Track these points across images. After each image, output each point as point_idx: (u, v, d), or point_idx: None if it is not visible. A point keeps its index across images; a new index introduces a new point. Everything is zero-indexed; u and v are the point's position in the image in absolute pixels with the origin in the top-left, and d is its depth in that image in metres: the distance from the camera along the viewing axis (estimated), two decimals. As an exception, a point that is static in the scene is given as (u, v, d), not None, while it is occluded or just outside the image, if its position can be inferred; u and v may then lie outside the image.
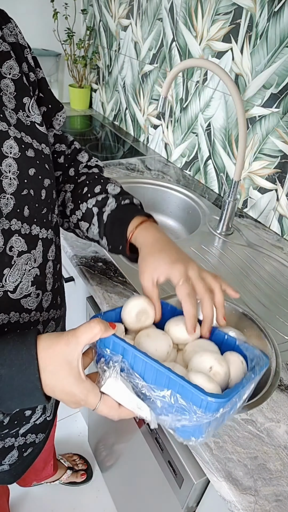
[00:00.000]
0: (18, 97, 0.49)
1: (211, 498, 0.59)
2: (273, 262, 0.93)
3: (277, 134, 0.96)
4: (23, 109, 0.49)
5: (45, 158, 0.51)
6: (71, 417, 1.49)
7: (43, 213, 0.51)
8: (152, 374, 0.41)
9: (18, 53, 0.50)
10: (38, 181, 0.49)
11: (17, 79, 0.49)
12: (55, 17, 1.60)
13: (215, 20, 1.04)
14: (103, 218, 0.61)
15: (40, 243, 0.51)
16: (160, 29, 1.27)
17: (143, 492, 0.87)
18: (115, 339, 0.42)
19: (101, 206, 0.62)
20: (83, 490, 1.30)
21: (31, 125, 0.50)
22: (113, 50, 1.60)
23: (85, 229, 0.65)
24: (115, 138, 1.57)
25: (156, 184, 1.23)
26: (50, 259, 0.54)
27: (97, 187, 0.64)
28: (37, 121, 0.51)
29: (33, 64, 0.54)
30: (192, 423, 0.39)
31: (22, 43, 0.52)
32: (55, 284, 0.56)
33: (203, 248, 0.95)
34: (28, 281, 0.50)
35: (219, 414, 0.38)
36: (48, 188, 0.51)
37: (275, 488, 0.50)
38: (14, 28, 0.51)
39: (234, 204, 0.97)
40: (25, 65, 0.52)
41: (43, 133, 0.52)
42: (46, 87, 0.57)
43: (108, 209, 0.60)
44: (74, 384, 0.40)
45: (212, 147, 1.18)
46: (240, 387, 0.41)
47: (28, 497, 1.26)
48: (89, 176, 0.67)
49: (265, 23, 0.91)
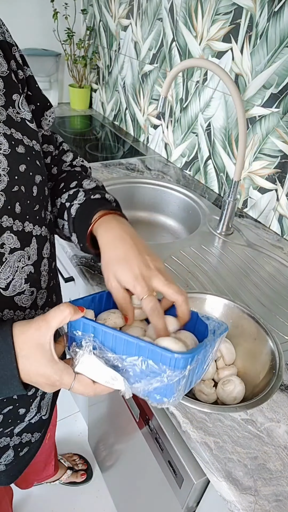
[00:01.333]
0: (7, 94, 0.48)
1: (211, 498, 0.59)
2: (273, 262, 0.93)
3: (277, 134, 0.96)
4: (13, 106, 0.49)
5: (36, 154, 0.51)
6: (71, 417, 1.49)
7: (35, 209, 0.50)
8: (123, 346, 0.43)
9: (5, 51, 0.50)
10: (29, 178, 0.49)
11: (6, 76, 0.49)
12: (55, 17, 1.60)
13: (215, 20, 1.04)
14: (71, 212, 0.58)
15: (34, 240, 0.51)
16: (160, 29, 1.27)
17: (143, 492, 0.87)
18: (85, 321, 0.44)
19: (71, 200, 0.59)
20: (83, 490, 1.30)
21: (22, 121, 0.50)
22: (113, 50, 1.60)
23: (61, 227, 0.62)
24: (115, 138, 1.57)
25: (156, 184, 1.23)
26: (45, 256, 0.54)
27: (73, 182, 0.62)
28: (27, 117, 0.51)
29: (21, 62, 0.54)
30: (163, 383, 0.41)
31: (10, 41, 0.51)
32: (51, 282, 0.56)
33: (203, 248, 0.95)
34: (22, 279, 0.49)
35: (187, 371, 0.41)
36: (40, 185, 0.51)
37: (275, 488, 0.50)
38: (1, 26, 0.51)
39: (234, 204, 0.97)
40: (13, 62, 0.51)
41: (33, 129, 0.52)
42: (34, 85, 0.57)
43: (76, 203, 0.58)
44: (48, 365, 0.41)
45: (212, 147, 1.18)
46: (203, 346, 0.44)
47: (28, 497, 1.26)
48: (69, 173, 0.65)
49: (265, 23, 0.91)
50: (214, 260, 0.91)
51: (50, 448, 1.07)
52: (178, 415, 0.57)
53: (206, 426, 0.56)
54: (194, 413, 0.57)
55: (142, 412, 0.70)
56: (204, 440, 0.54)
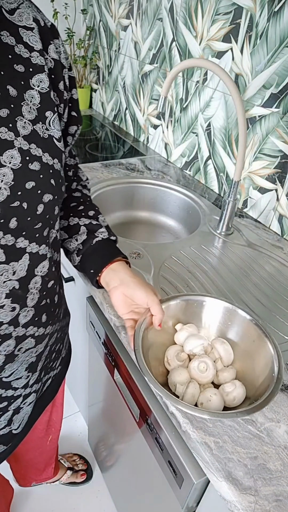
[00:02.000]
0: (41, 109, 0.48)
1: (211, 498, 0.59)
2: (273, 262, 0.93)
3: (277, 134, 0.96)
4: (44, 122, 0.49)
5: (54, 173, 0.50)
6: (71, 417, 1.49)
7: (36, 227, 0.50)
8: None
9: (57, 71, 0.51)
10: (35, 196, 0.48)
11: (45, 93, 0.49)
12: (55, 17, 1.60)
13: (215, 20, 1.04)
14: (92, 241, 0.68)
15: (26, 256, 0.50)
16: (160, 29, 1.27)
17: (143, 492, 0.87)
18: None
19: (93, 230, 0.69)
20: (83, 490, 1.30)
21: (49, 138, 0.50)
22: (113, 50, 1.60)
23: (61, 239, 0.69)
24: (115, 138, 1.57)
25: (156, 184, 1.23)
26: (39, 274, 0.53)
27: (90, 211, 0.71)
28: (55, 136, 0.51)
29: (68, 84, 0.55)
30: None
31: (63, 63, 0.53)
32: (42, 301, 0.55)
33: (203, 248, 0.95)
34: (2, 293, 0.48)
35: None
36: (49, 204, 0.50)
37: (275, 488, 0.50)
38: (60, 45, 0.52)
39: (234, 204, 0.97)
40: (62, 84, 0.52)
41: (59, 148, 0.51)
42: (78, 106, 0.59)
43: (100, 236, 0.68)
44: None
45: (212, 147, 1.18)
46: None
47: (28, 497, 1.26)
48: (84, 196, 0.73)
49: (265, 23, 0.91)
50: (214, 260, 0.91)
51: (52, 451, 1.07)
52: (178, 415, 0.57)
53: (206, 426, 0.56)
54: (194, 413, 0.57)
55: (142, 412, 0.70)
56: (204, 440, 0.54)
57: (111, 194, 1.19)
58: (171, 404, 0.58)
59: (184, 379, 0.61)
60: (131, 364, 0.73)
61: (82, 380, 1.20)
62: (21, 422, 0.64)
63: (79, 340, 1.07)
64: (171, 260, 0.89)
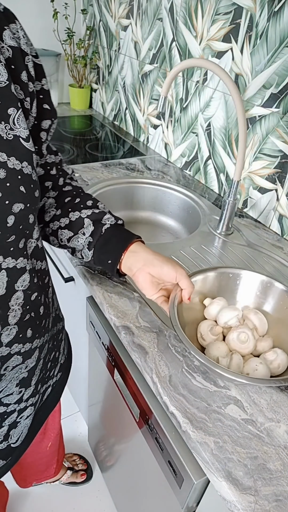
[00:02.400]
0: (1, 107, 0.43)
1: (211, 498, 0.59)
2: (273, 262, 0.93)
3: (277, 134, 0.96)
4: (6, 121, 0.43)
5: (23, 179, 0.45)
6: (71, 417, 1.49)
7: (9, 241, 0.45)
8: None
9: (17, 60, 0.45)
10: (3, 207, 0.43)
11: (3, 87, 0.43)
12: (55, 17, 1.60)
13: (215, 20, 1.04)
14: (101, 230, 0.65)
15: (3, 273, 0.45)
16: (160, 29, 1.27)
17: (143, 492, 0.87)
18: None
19: (98, 219, 0.66)
20: (83, 490, 1.30)
21: (14, 139, 0.44)
22: (113, 50, 1.60)
23: (66, 238, 0.67)
24: (115, 138, 1.57)
25: (156, 184, 1.23)
26: (20, 289, 0.48)
27: (88, 201, 0.68)
28: (22, 135, 0.45)
29: (33, 74, 0.48)
30: None
31: (24, 49, 0.46)
32: (25, 316, 0.51)
33: (203, 248, 0.95)
34: None
35: None
36: (20, 214, 0.45)
37: (275, 488, 0.50)
38: (18, 30, 0.46)
39: (234, 204, 0.97)
40: (25, 74, 0.46)
41: (27, 149, 0.45)
42: (50, 98, 0.54)
43: (108, 223, 0.65)
44: None
45: (212, 147, 1.18)
46: None
47: (28, 497, 1.26)
48: (75, 188, 0.70)
49: (265, 23, 0.91)
50: (214, 260, 0.91)
51: (52, 454, 1.06)
52: (178, 415, 0.57)
53: (206, 426, 0.56)
54: (194, 413, 0.57)
55: (142, 412, 0.70)
56: (204, 440, 0.54)
57: (111, 194, 1.19)
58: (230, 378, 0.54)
59: (224, 352, 0.60)
60: (131, 364, 0.73)
61: (82, 380, 1.20)
62: (20, 436, 0.61)
63: (79, 340, 1.07)
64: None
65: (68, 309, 1.09)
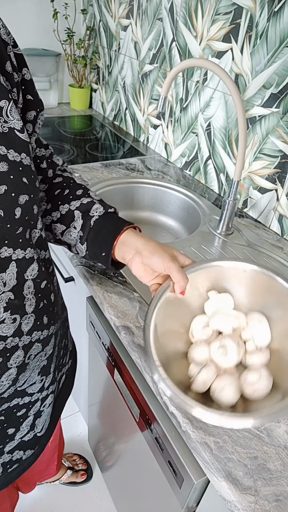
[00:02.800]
0: None
1: (211, 498, 0.59)
2: (273, 262, 0.93)
3: (277, 134, 0.96)
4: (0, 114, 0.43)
5: (24, 170, 0.45)
6: (71, 417, 1.49)
7: (18, 233, 0.46)
8: None
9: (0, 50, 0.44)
10: (10, 200, 0.44)
11: None
12: (55, 17, 1.60)
13: (215, 20, 1.04)
14: (89, 223, 0.62)
15: (13, 264, 0.46)
16: (160, 29, 1.27)
17: (143, 492, 0.87)
18: None
19: (86, 210, 0.63)
20: (83, 490, 1.30)
21: (9, 132, 0.44)
22: (113, 50, 1.60)
23: (60, 232, 0.65)
24: (115, 138, 1.57)
25: (156, 184, 1.23)
26: (30, 278, 0.50)
27: (78, 190, 0.66)
28: (16, 127, 0.45)
29: (16, 63, 0.48)
30: None
31: (5, 39, 0.45)
32: (40, 304, 0.52)
33: (203, 248, 0.95)
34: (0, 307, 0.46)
35: None
36: (26, 205, 0.46)
37: (275, 488, 0.50)
38: None
39: (234, 204, 0.97)
40: (9, 64, 0.46)
41: (23, 140, 0.46)
42: (33, 88, 0.53)
43: (96, 214, 0.63)
44: None
45: (212, 147, 1.18)
46: None
47: (28, 497, 1.26)
48: (66, 179, 0.68)
49: (265, 23, 0.91)
50: (214, 260, 0.91)
51: (53, 450, 1.06)
52: (178, 415, 0.57)
53: (206, 426, 0.56)
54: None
55: (142, 412, 0.70)
56: (204, 440, 0.54)
57: (111, 194, 1.19)
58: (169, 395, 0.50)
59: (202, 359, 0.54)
60: (131, 364, 0.73)
61: (82, 380, 1.20)
62: (44, 424, 0.63)
63: (79, 340, 1.07)
64: (171, 260, 0.89)
65: (68, 309, 1.09)
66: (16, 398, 0.54)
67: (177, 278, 0.56)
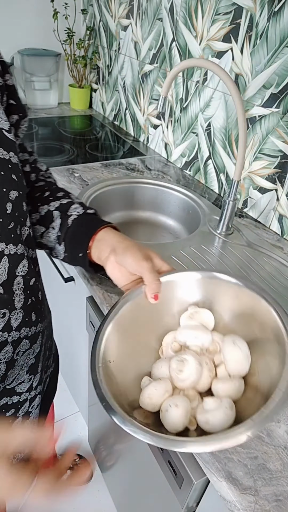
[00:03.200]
0: None
1: (211, 498, 0.59)
2: (273, 262, 0.93)
3: (277, 134, 0.96)
4: None
5: (13, 168, 0.47)
6: (71, 417, 1.49)
7: (10, 228, 0.47)
8: None
9: None
10: (1, 195, 0.45)
11: None
12: (55, 17, 1.60)
13: (215, 20, 1.04)
14: (67, 222, 0.61)
15: (5, 259, 0.47)
16: (160, 29, 1.27)
17: (143, 492, 0.87)
18: None
19: (65, 210, 0.62)
20: (83, 490, 1.30)
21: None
22: (113, 50, 1.60)
23: (39, 234, 0.64)
24: (115, 138, 1.57)
25: (156, 184, 1.23)
26: (20, 274, 0.50)
27: (59, 193, 0.66)
28: (4, 127, 0.47)
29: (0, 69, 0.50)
30: None
31: None
32: (28, 301, 0.52)
33: (203, 248, 0.95)
34: None
35: None
36: (16, 201, 0.47)
37: (275, 488, 0.50)
38: None
39: (234, 204, 0.97)
40: None
41: (11, 140, 0.47)
42: (16, 93, 0.54)
43: (74, 214, 0.61)
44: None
45: (212, 147, 1.18)
46: None
47: (28, 497, 1.26)
48: (48, 183, 0.68)
49: (265, 23, 0.91)
50: (214, 260, 0.91)
51: None
52: (178, 415, 0.57)
53: (206, 426, 0.56)
54: (194, 413, 0.57)
55: (142, 412, 0.70)
56: (204, 440, 0.54)
57: (111, 194, 1.19)
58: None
59: (160, 374, 0.48)
60: (131, 364, 0.73)
61: (82, 380, 1.20)
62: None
63: (79, 340, 1.07)
64: (171, 260, 0.89)
65: (68, 309, 1.09)
66: (5, 397, 0.55)
67: (148, 279, 0.52)
